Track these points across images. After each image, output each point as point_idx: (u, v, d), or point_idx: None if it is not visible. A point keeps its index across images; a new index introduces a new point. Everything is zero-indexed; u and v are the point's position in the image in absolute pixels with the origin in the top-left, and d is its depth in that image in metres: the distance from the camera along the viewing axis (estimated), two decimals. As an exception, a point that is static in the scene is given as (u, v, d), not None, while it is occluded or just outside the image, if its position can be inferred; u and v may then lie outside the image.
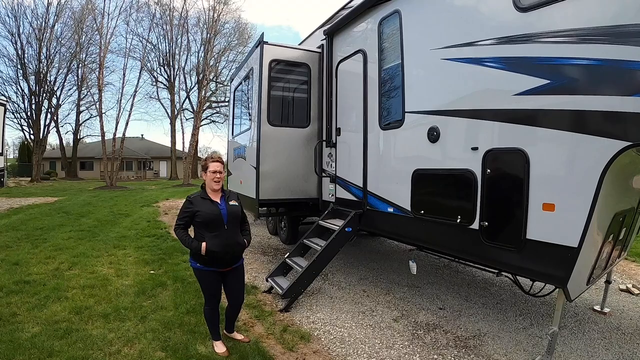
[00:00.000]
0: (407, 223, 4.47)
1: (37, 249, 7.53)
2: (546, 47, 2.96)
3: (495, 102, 3.39)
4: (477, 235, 3.56)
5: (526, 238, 3.17)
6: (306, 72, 6.53)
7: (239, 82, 8.54)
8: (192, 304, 4.74)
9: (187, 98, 40.82)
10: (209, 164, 3.59)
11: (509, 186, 3.34)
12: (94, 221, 11.22)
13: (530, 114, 3.10)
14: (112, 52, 33.25)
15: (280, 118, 6.66)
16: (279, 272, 5.57)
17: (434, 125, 4.02)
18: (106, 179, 28.78)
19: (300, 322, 4.49)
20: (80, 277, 5.79)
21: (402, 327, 4.41)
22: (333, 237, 5.16)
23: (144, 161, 52.63)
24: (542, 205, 3.06)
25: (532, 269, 3.25)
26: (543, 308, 4.96)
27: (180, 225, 3.51)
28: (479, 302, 5.18)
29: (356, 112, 5.43)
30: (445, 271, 6.58)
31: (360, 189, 5.34)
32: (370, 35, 5.18)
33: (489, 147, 3.45)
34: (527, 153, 3.12)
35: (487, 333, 4.26)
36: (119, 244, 8.20)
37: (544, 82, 2.99)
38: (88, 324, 4.20)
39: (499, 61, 3.33)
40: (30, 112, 34.91)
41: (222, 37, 38.75)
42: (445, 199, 4.05)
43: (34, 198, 18.26)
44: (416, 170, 4.30)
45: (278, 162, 6.39)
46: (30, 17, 34.98)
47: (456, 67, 3.78)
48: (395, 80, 4.65)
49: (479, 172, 3.53)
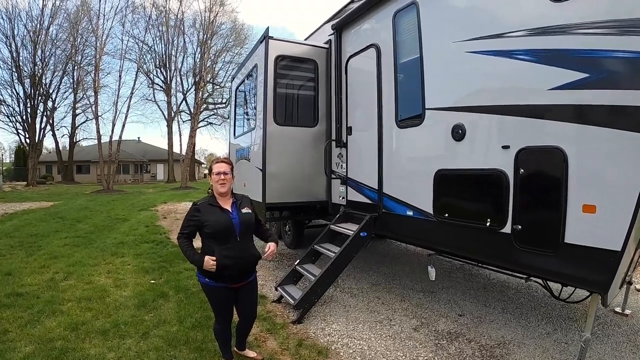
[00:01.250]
0: (429, 227, 4.19)
1: (31, 257, 7.22)
2: (584, 39, 2.78)
3: (528, 97, 3.20)
4: (509, 239, 3.33)
5: (564, 242, 2.96)
6: (313, 68, 6.25)
7: (241, 81, 8.25)
8: (198, 317, 4.42)
9: (184, 100, 40.84)
10: (213, 166, 3.23)
11: (545, 187, 3.12)
12: (90, 227, 10.94)
13: (568, 109, 2.92)
14: (107, 54, 33.09)
15: (287, 117, 6.37)
16: (289, 280, 5.26)
17: (459, 123, 3.75)
18: (103, 182, 28.51)
19: (315, 334, 4.20)
20: (76, 288, 5.48)
21: (424, 337, 4.16)
22: (348, 243, 4.85)
23: (141, 164, 52.35)
24: (582, 206, 2.86)
25: (570, 274, 3.06)
26: (564, 311, 4.76)
27: (184, 234, 3.12)
28: (498, 307, 4.97)
29: (369, 110, 5.14)
30: (459, 274, 6.35)
31: (375, 191, 5.05)
32: (383, 29, 4.90)
33: (522, 145, 3.22)
34: (565, 151, 2.92)
35: (512, 340, 4.06)
36: (117, 251, 7.89)
37: (582, 75, 2.81)
38: (85, 341, 3.88)
39: (531, 54, 3.14)
40: (26, 115, 34.70)
41: (218, 38, 38.65)
42: (472, 201, 3.80)
43: (29, 203, 17.98)
44: (439, 171, 4.02)
45: (285, 163, 6.11)
46: (24, 19, 34.71)
47: (483, 61, 3.54)
48: (413, 76, 4.36)
49: (510, 172, 3.29)
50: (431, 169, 4.10)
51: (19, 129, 35.50)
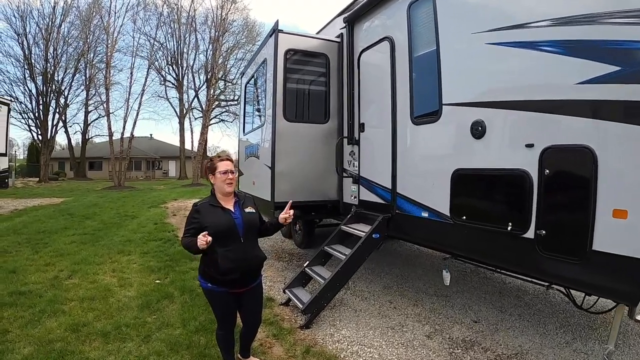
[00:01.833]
0: (445, 230, 3.96)
1: (37, 254, 7.15)
2: (615, 29, 2.57)
3: (554, 92, 2.96)
4: (532, 245, 3.09)
5: (592, 249, 2.73)
6: (324, 63, 6.06)
7: (250, 76, 8.09)
8: (202, 320, 4.26)
9: (196, 97, 40.85)
10: (218, 164, 3.01)
11: (573, 189, 2.89)
12: (99, 224, 10.89)
13: (599, 105, 2.69)
14: (119, 51, 33.22)
15: (297, 113, 6.20)
16: (297, 283, 5.09)
17: (479, 119, 3.52)
18: (114, 179, 28.63)
19: (323, 341, 4.01)
20: (79, 287, 5.36)
21: (437, 345, 3.96)
22: (359, 245, 4.64)
23: (153, 161, 52.68)
24: (612, 211, 2.63)
25: (597, 284, 2.85)
26: (583, 319, 4.55)
27: (187, 237, 2.92)
28: (515, 313, 4.76)
29: (382, 106, 4.93)
30: (473, 278, 6.13)
31: (388, 191, 4.83)
32: (398, 21, 4.68)
33: (547, 144, 2.98)
34: (594, 151, 2.68)
35: (530, 350, 3.86)
36: (124, 249, 7.79)
37: (614, 69, 2.57)
38: (85, 344, 3.74)
39: (557, 45, 2.90)
40: (38, 112, 34.93)
41: (230, 35, 38.58)
42: (492, 203, 3.57)
43: (39, 199, 18.08)
44: (457, 170, 3.80)
45: (295, 160, 5.93)
46: (36, 17, 34.87)
47: (505, 53, 3.31)
48: (429, 70, 4.14)
49: (534, 173, 3.06)
50: (448, 168, 3.87)
51: (32, 126, 35.83)
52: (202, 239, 2.66)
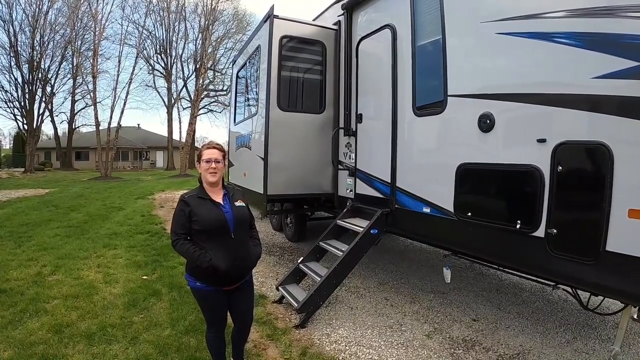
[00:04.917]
0: (449, 226, 3.81)
1: (19, 248, 6.87)
2: (635, 22, 2.46)
3: (568, 86, 2.84)
4: (542, 244, 2.97)
5: (606, 250, 2.62)
6: (321, 51, 5.84)
7: (242, 64, 7.83)
8: (192, 319, 4.07)
9: (185, 87, 40.36)
10: (203, 152, 2.83)
11: (587, 187, 2.77)
12: (84, 216, 10.60)
13: (615, 101, 2.57)
14: (107, 39, 32.61)
15: (292, 102, 6.00)
16: (291, 280, 4.90)
17: (487, 112, 3.35)
18: (101, 169, 28.16)
19: (320, 341, 3.85)
20: (63, 284, 5.12)
21: (438, 344, 3.85)
22: (357, 241, 4.47)
23: (140, 151, 52.06)
24: (627, 211, 2.51)
25: (610, 286, 2.73)
26: (582, 318, 4.49)
27: (181, 236, 2.69)
28: (514, 311, 4.67)
29: (382, 96, 4.73)
30: (470, 274, 6.03)
31: (388, 185, 4.65)
32: (400, 8, 4.47)
33: (560, 139, 2.84)
34: (610, 148, 2.56)
35: (531, 349, 3.79)
36: (110, 242, 7.53)
37: (633, 64, 2.45)
38: (68, 347, 3.53)
39: (573, 37, 2.77)
40: (24, 101, 34.09)
41: (220, 24, 38.05)
42: (500, 200, 3.43)
43: (24, 190, 17.67)
44: (462, 165, 3.63)
45: (289, 151, 5.72)
46: (23, 4, 33.88)
47: (516, 44, 3.16)
48: (433, 59, 3.97)
49: (546, 169, 2.92)
50: (453, 162, 3.71)
51: (17, 115, 35.01)
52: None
